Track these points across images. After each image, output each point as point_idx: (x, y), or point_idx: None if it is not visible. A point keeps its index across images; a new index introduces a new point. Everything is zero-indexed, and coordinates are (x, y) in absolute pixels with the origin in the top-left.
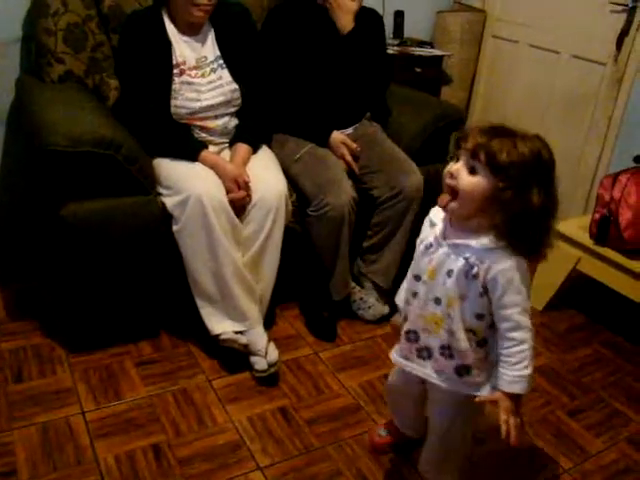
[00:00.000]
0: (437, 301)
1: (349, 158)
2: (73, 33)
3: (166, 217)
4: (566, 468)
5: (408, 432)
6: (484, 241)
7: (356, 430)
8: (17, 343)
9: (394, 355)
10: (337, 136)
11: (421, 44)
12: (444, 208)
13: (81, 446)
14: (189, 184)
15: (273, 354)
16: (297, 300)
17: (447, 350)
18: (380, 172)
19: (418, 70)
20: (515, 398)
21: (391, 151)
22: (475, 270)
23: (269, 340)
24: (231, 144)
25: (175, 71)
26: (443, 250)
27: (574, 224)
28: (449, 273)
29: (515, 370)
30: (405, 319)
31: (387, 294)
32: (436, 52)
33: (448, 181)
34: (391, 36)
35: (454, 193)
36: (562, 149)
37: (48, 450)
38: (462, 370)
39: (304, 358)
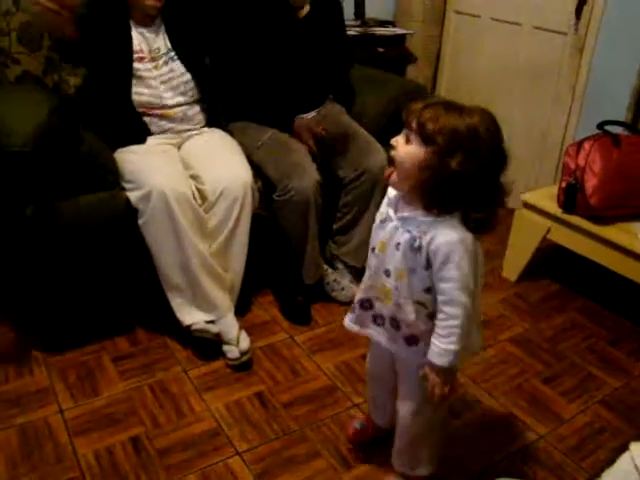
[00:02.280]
0: (387, 273)
1: (311, 144)
2: (27, 32)
3: (131, 211)
4: (542, 434)
5: (378, 420)
6: (424, 215)
7: (333, 410)
8: None
9: (348, 321)
10: (302, 122)
11: (383, 24)
12: (387, 180)
13: (60, 444)
14: (152, 177)
15: (245, 342)
16: (271, 286)
17: (394, 321)
18: (344, 153)
19: (381, 50)
20: (444, 370)
21: (354, 131)
22: (417, 242)
23: (241, 328)
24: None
25: (135, 57)
26: (393, 223)
27: (543, 194)
28: (397, 246)
29: (442, 343)
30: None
31: (360, 274)
32: (398, 31)
33: (391, 153)
34: (352, 17)
35: (393, 163)
36: (529, 120)
37: (27, 451)
38: (411, 340)
39: (280, 343)
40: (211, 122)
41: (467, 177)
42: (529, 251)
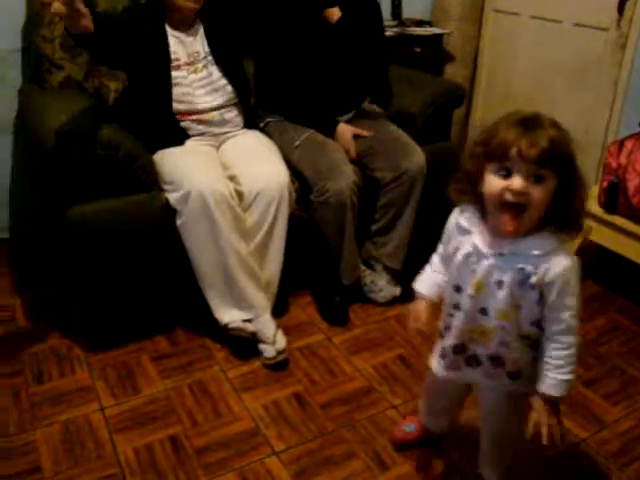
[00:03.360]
0: (483, 311)
1: (352, 150)
2: (69, 39)
3: (170, 212)
4: (582, 437)
5: (432, 426)
6: (537, 247)
7: (370, 411)
8: (37, 346)
9: (438, 368)
10: (346, 129)
11: (420, 23)
12: (512, 233)
13: (101, 441)
14: (190, 178)
15: (281, 342)
16: (309, 287)
17: (498, 360)
18: (382, 154)
19: (418, 50)
20: (553, 400)
21: (392, 132)
22: (533, 279)
23: (278, 327)
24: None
25: (173, 65)
26: (489, 261)
27: None
28: (499, 284)
29: (559, 374)
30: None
31: (398, 275)
32: (435, 30)
33: (514, 199)
34: (389, 17)
35: (521, 208)
36: (570, 119)
37: (70, 446)
38: (515, 375)
39: (317, 343)
40: (249, 124)
41: (582, 188)
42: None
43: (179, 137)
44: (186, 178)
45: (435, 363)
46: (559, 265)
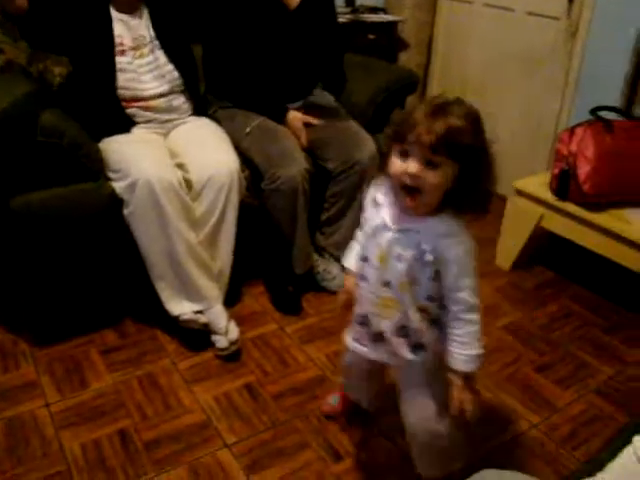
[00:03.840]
0: (387, 284)
1: (303, 137)
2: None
3: (117, 201)
4: (534, 423)
5: (364, 405)
6: (436, 227)
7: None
8: None
9: (349, 340)
10: (296, 116)
11: (374, 10)
12: (411, 208)
13: (47, 438)
14: (137, 166)
15: (234, 332)
16: (261, 276)
17: (403, 329)
18: (333, 145)
19: (372, 37)
20: (470, 376)
21: (344, 122)
22: (428, 257)
23: (230, 318)
24: None
25: (117, 50)
26: (392, 235)
27: (536, 181)
28: (399, 257)
29: (468, 350)
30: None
31: None
32: (389, 18)
33: (409, 182)
34: (343, 4)
35: (416, 190)
36: (522, 107)
37: (14, 444)
38: (417, 348)
39: (270, 333)
40: (198, 111)
41: (486, 175)
42: (522, 239)
43: (125, 124)
44: (133, 166)
45: (348, 335)
46: (455, 247)
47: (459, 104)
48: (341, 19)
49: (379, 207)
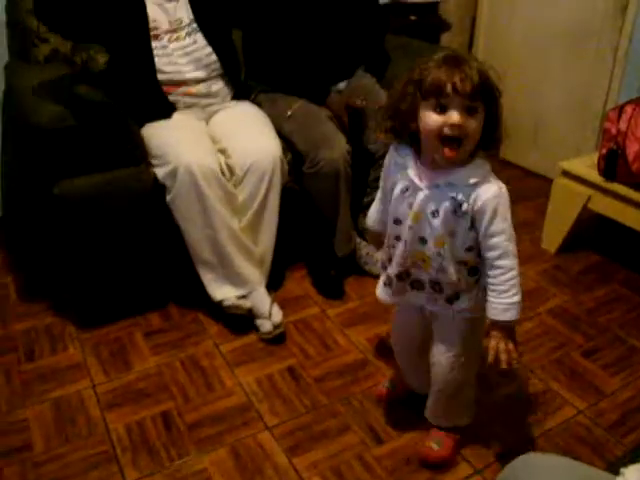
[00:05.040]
0: (422, 241)
1: (346, 122)
2: None
3: (160, 187)
4: (581, 408)
5: (415, 386)
6: (467, 176)
7: (365, 384)
8: (28, 324)
9: (383, 296)
10: (338, 98)
11: None
12: (451, 160)
13: (92, 418)
14: (178, 153)
15: (277, 315)
16: (303, 260)
17: (437, 285)
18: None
19: (413, 18)
20: (507, 325)
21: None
22: (465, 207)
23: (273, 301)
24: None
25: (152, 34)
26: (424, 193)
27: (583, 162)
28: (434, 213)
29: (505, 297)
30: (380, 245)
31: None
32: None
33: (452, 133)
34: None
35: (458, 141)
36: (568, 85)
37: (61, 424)
38: (452, 298)
39: (312, 317)
40: (238, 95)
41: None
42: (569, 221)
43: (166, 110)
44: (173, 153)
45: (380, 291)
46: (488, 192)
47: (463, 53)
48: (382, 0)
49: (402, 169)
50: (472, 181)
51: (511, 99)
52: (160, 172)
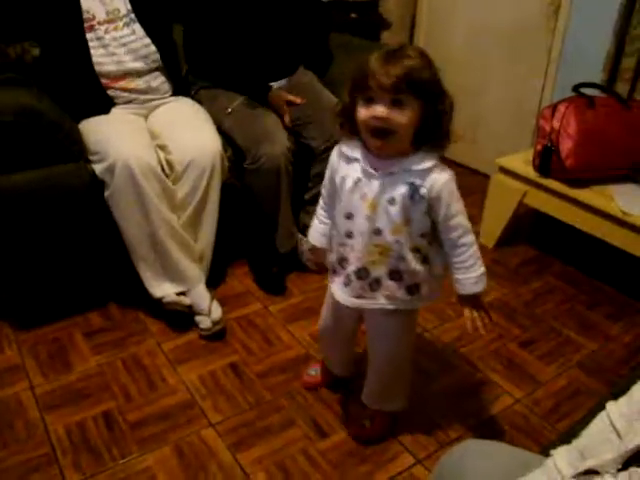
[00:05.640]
0: (378, 232)
1: (287, 118)
2: None
3: (98, 183)
4: (518, 397)
5: (338, 371)
6: (420, 162)
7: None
8: None
9: (343, 296)
10: (279, 95)
11: None
12: (380, 152)
13: (31, 420)
14: (116, 149)
15: (217, 312)
16: (245, 257)
17: (397, 274)
18: (316, 123)
19: (354, 16)
20: (477, 296)
21: (326, 100)
22: (422, 191)
23: (213, 298)
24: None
25: (86, 26)
26: (378, 181)
27: (519, 158)
28: (391, 201)
29: (473, 272)
30: (322, 259)
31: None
32: None
33: (378, 124)
34: None
35: (385, 133)
36: (505, 84)
37: None
38: (413, 289)
39: (254, 313)
40: (178, 91)
41: (448, 110)
42: (506, 216)
43: (104, 105)
44: (112, 148)
45: (340, 293)
46: (441, 178)
47: (406, 47)
48: None
49: (352, 161)
50: (427, 165)
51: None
52: (98, 167)
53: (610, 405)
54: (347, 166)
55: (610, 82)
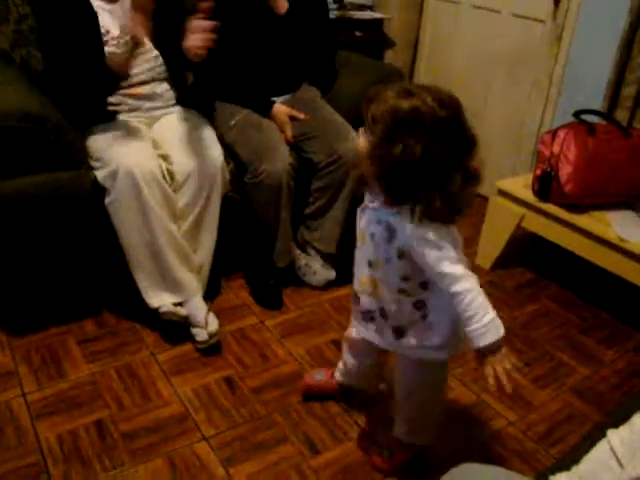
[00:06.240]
0: (370, 264)
1: (288, 132)
2: None
3: (99, 190)
4: (512, 420)
5: (353, 381)
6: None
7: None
8: None
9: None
10: (282, 110)
11: (361, 8)
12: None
13: (22, 428)
14: (119, 155)
15: (213, 324)
16: (242, 270)
17: (382, 311)
18: (318, 138)
19: (359, 34)
20: (493, 348)
21: (329, 116)
22: (389, 234)
23: (210, 311)
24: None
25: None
26: (367, 213)
27: (518, 182)
28: (372, 237)
29: (476, 322)
30: None
31: (332, 259)
32: (376, 15)
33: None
34: (331, 1)
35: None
36: (506, 108)
37: None
38: (398, 331)
39: (250, 327)
40: (182, 101)
41: (414, 163)
42: (503, 239)
43: (109, 113)
44: (115, 155)
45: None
46: (409, 225)
47: (417, 92)
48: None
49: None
50: (394, 209)
51: None
52: (100, 174)
53: (611, 433)
54: (367, 194)
55: (610, 109)
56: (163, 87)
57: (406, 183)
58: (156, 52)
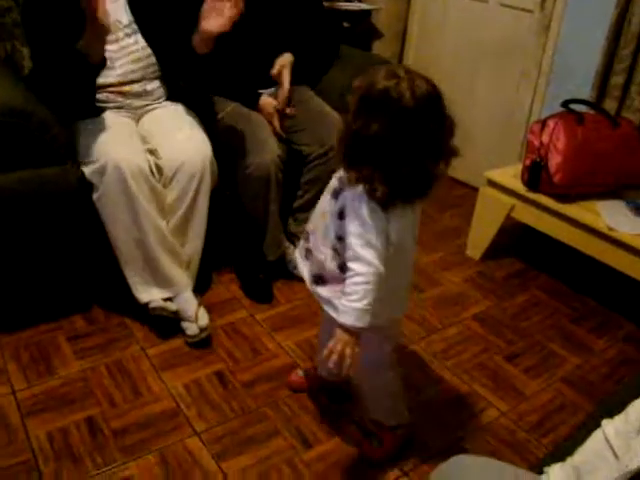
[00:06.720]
0: (323, 215)
1: (276, 123)
2: None
3: (86, 186)
4: (503, 411)
5: (324, 373)
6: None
7: None
8: None
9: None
10: (269, 102)
11: None
12: None
13: (12, 426)
14: (107, 150)
15: (203, 318)
16: (232, 264)
17: (308, 252)
18: (308, 130)
19: (346, 25)
20: (348, 330)
21: (318, 108)
22: (338, 190)
23: (200, 305)
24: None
25: None
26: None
27: (507, 172)
28: (328, 189)
29: (347, 301)
30: None
31: None
32: (364, 6)
33: None
34: None
35: None
36: (495, 98)
37: None
38: (317, 278)
39: (240, 321)
40: (172, 96)
41: (365, 139)
42: (493, 229)
43: (96, 108)
44: (102, 150)
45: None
46: (356, 190)
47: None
48: None
49: None
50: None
51: None
52: (88, 170)
53: (606, 423)
54: None
55: (599, 99)
56: (154, 84)
57: (356, 156)
58: (149, 50)
